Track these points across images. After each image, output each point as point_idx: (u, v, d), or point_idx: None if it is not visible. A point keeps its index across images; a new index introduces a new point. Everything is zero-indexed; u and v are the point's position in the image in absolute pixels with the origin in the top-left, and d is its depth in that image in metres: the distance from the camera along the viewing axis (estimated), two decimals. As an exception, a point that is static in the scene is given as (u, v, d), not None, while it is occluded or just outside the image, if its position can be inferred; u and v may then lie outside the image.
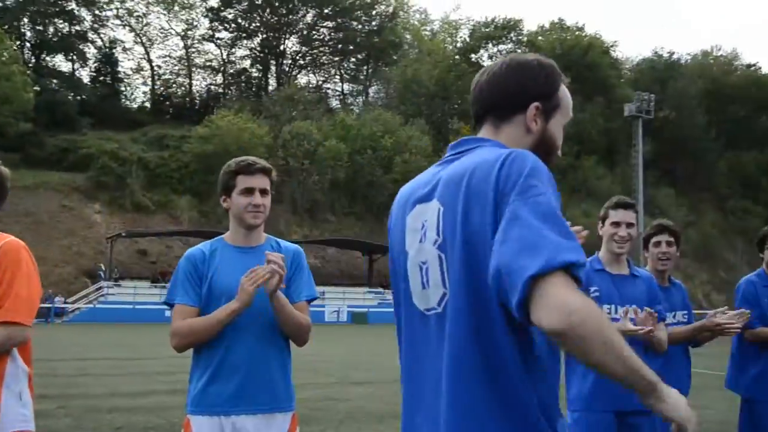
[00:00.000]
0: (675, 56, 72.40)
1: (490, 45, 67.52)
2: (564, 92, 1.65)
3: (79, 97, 57.34)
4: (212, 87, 68.72)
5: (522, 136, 1.61)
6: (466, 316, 1.43)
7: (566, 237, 1.33)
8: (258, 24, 66.57)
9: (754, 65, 73.53)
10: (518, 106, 1.60)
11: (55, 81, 58.08)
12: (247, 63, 69.11)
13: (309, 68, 71.35)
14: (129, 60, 78.79)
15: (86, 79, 62.48)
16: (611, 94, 62.29)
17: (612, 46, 70.64)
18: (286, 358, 2.81)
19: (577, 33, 66.92)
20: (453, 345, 1.45)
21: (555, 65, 1.65)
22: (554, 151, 1.65)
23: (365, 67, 71.33)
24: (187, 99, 66.66)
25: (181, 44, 66.31)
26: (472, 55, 66.36)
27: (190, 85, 67.47)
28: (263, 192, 2.78)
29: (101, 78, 62.30)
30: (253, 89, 67.69)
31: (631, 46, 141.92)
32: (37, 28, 60.03)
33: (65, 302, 37.24)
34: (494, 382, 1.40)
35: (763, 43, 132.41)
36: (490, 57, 64.88)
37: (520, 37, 67.29)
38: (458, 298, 1.45)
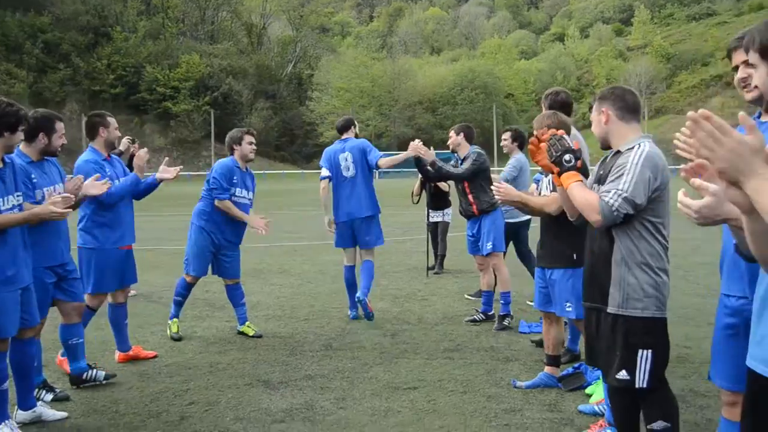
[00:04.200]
0: None
1: None
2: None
3: None
4: None
5: (354, 133, 8.08)
6: (362, 178, 7.76)
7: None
8: None
9: None
10: (350, 127, 8.06)
11: None
12: None
13: None
14: None
15: None
16: None
17: None
18: None
19: None
20: (360, 183, 7.73)
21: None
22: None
23: None
24: None
25: None
26: None
27: None
28: None
29: None
30: None
31: None
32: None
33: None
34: (368, 187, 7.85)
35: None
36: None
37: None
38: (359, 175, 7.73)
